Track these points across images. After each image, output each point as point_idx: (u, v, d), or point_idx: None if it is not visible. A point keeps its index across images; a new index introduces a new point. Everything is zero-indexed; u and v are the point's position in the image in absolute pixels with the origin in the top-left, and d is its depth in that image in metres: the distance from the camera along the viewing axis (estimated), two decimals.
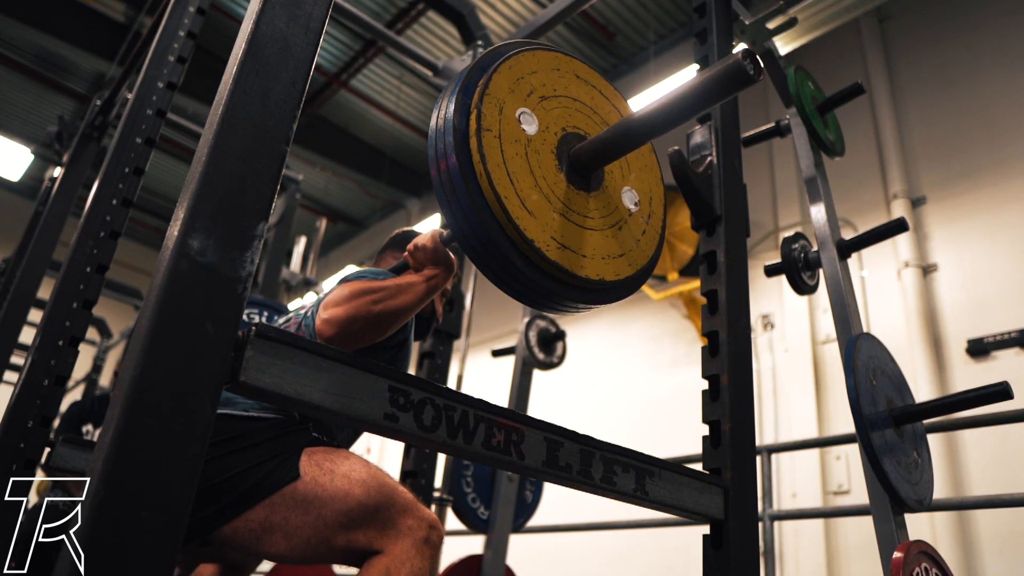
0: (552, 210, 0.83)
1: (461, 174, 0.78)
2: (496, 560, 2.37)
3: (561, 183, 0.86)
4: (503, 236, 0.79)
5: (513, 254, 0.79)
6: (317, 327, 1.23)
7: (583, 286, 0.85)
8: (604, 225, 0.90)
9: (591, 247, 0.86)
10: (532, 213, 0.80)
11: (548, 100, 0.88)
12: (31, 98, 7.77)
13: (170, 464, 0.50)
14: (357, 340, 1.22)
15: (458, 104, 0.80)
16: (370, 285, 1.24)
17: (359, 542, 1.14)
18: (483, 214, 0.78)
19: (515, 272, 0.80)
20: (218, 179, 0.59)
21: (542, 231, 0.80)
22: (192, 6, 2.03)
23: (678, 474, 0.94)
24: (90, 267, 1.78)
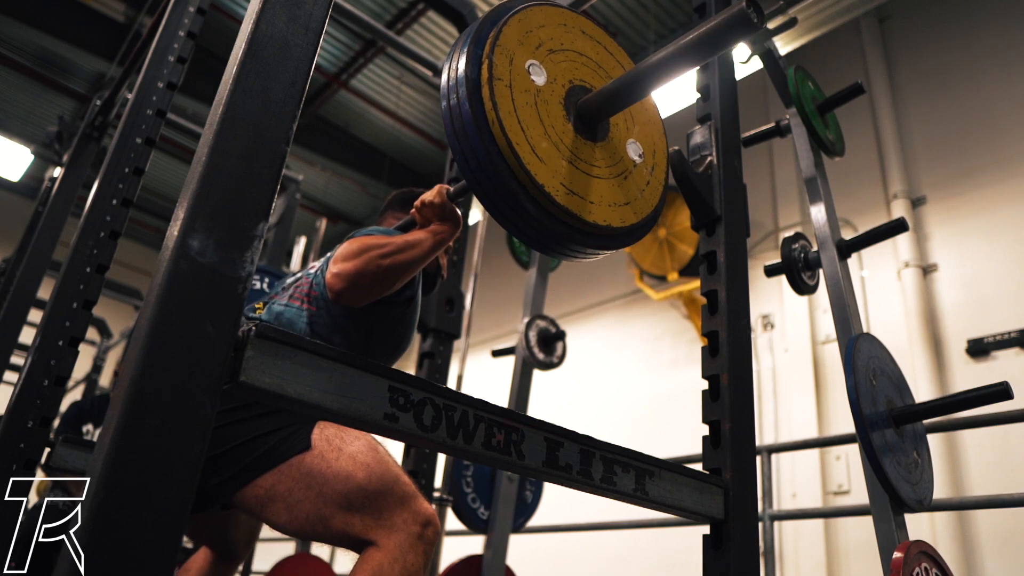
0: (561, 158, 0.86)
1: (474, 121, 0.80)
2: (496, 560, 2.37)
3: (569, 132, 0.89)
4: (515, 181, 0.81)
5: (524, 198, 0.82)
6: (328, 281, 1.26)
7: (590, 231, 0.87)
8: (610, 174, 0.93)
9: (598, 194, 0.89)
10: (542, 159, 0.83)
11: (556, 53, 0.92)
12: (31, 98, 7.77)
13: (170, 464, 0.50)
14: (366, 294, 1.25)
15: (470, 54, 0.83)
16: (378, 240, 1.27)
17: (355, 527, 1.13)
18: (495, 160, 0.80)
19: (526, 216, 0.83)
20: (218, 179, 0.59)
21: (552, 176, 0.83)
22: (192, 6, 2.02)
23: (678, 474, 0.94)
24: (90, 267, 1.78)
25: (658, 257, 5.05)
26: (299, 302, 1.34)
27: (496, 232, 3.34)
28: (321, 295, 1.34)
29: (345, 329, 1.34)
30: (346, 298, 1.26)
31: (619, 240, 0.92)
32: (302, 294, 1.36)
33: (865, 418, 1.45)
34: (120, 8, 6.40)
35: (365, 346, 1.37)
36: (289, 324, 1.31)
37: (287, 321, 1.32)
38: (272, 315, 1.34)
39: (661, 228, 5.08)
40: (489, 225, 2.91)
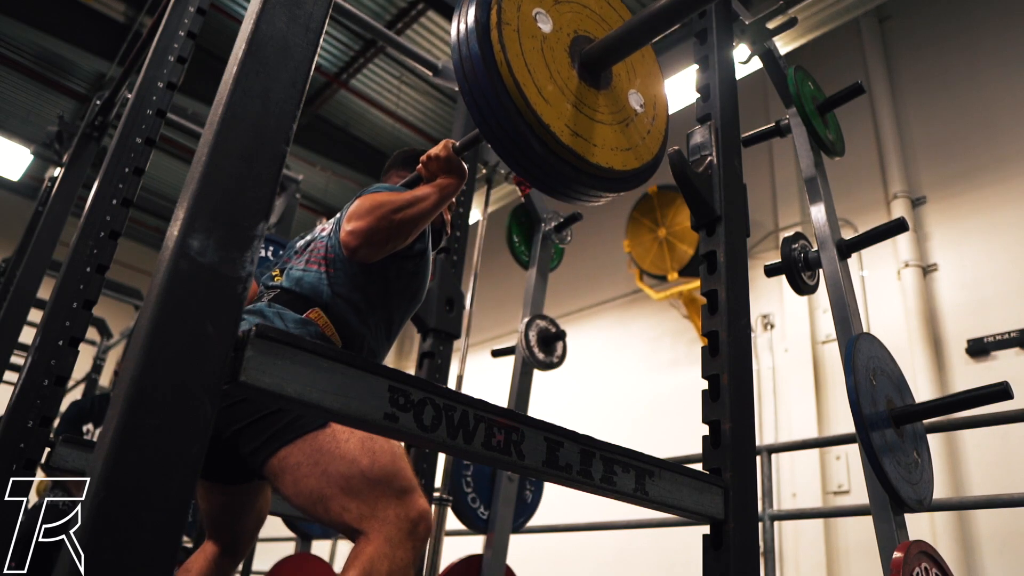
0: (566, 101, 0.89)
1: (483, 63, 0.83)
2: (496, 560, 2.37)
3: (573, 79, 0.92)
4: (522, 121, 0.84)
5: (531, 138, 0.85)
6: (343, 239, 1.32)
7: (594, 173, 0.91)
8: (613, 120, 0.96)
9: (601, 138, 0.92)
10: (548, 101, 0.86)
11: (561, 4, 0.95)
12: (31, 98, 7.77)
13: (170, 464, 0.50)
14: (381, 248, 1.31)
15: (480, 1, 0.86)
16: (389, 196, 1.32)
17: (350, 514, 1.13)
18: (504, 100, 0.83)
19: (532, 155, 0.86)
20: (218, 179, 0.59)
21: (557, 118, 0.86)
22: (192, 6, 2.03)
23: (678, 474, 0.94)
24: (90, 267, 1.78)
25: (658, 257, 5.06)
26: (316, 265, 1.38)
27: (496, 232, 3.34)
28: (337, 256, 1.37)
29: (364, 287, 1.37)
30: (361, 255, 1.31)
31: (621, 183, 0.95)
32: (319, 257, 1.40)
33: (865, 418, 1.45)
34: (120, 8, 6.40)
35: (384, 300, 1.41)
36: (311, 288, 1.34)
37: (308, 285, 1.35)
38: (292, 280, 1.37)
39: (661, 228, 5.08)
40: (489, 225, 2.91)
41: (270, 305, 1.32)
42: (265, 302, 1.34)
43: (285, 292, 1.35)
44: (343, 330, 1.35)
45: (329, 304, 1.34)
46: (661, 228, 5.08)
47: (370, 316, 1.39)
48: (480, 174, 2.50)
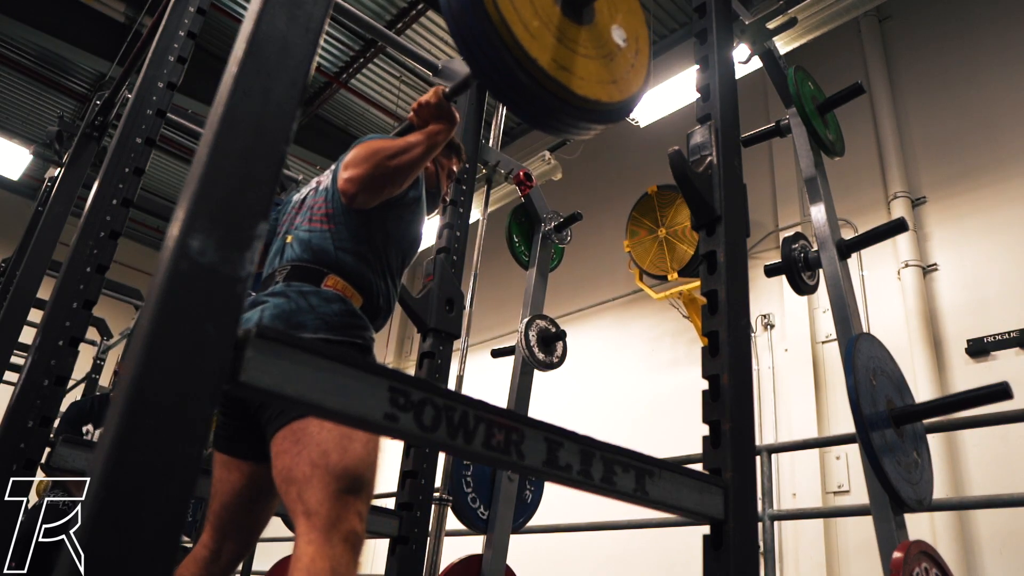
0: (551, 35, 0.91)
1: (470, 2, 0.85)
2: (496, 560, 2.37)
3: (556, 14, 0.94)
4: (509, 55, 0.86)
5: (519, 71, 0.87)
6: (340, 188, 1.38)
7: (581, 105, 0.93)
8: (597, 55, 0.98)
9: (586, 70, 0.95)
10: (533, 36, 0.88)
11: None
12: (31, 98, 7.77)
13: (170, 464, 0.50)
14: (378, 194, 1.38)
15: None
16: (383, 143, 1.38)
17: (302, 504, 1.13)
18: (491, 36, 0.85)
19: (521, 88, 0.88)
20: (218, 179, 0.59)
21: (543, 51, 0.89)
22: (192, 6, 2.03)
23: (678, 474, 0.94)
24: (90, 267, 1.78)
25: (658, 257, 5.06)
26: (320, 224, 1.42)
27: (496, 232, 3.34)
28: (337, 210, 1.42)
29: (367, 237, 1.42)
30: (360, 201, 1.38)
31: (607, 115, 0.97)
32: (320, 215, 1.44)
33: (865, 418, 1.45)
34: (120, 8, 6.39)
35: (385, 248, 1.46)
36: (319, 250, 1.38)
37: (317, 247, 1.39)
38: (303, 244, 1.41)
39: (661, 228, 5.09)
40: (489, 225, 2.91)
41: (287, 284, 1.35)
42: (282, 282, 1.36)
43: (296, 267, 1.38)
44: (359, 284, 1.40)
45: (338, 263, 1.38)
46: (661, 228, 5.08)
47: (378, 264, 1.44)
48: (480, 174, 2.50)
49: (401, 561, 1.83)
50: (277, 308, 1.27)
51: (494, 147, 2.62)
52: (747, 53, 2.09)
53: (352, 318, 1.32)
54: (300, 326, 1.25)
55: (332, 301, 1.32)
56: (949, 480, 3.57)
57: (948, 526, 3.48)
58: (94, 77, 7.28)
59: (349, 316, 1.32)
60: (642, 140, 6.00)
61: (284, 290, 1.33)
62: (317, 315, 1.28)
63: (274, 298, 1.31)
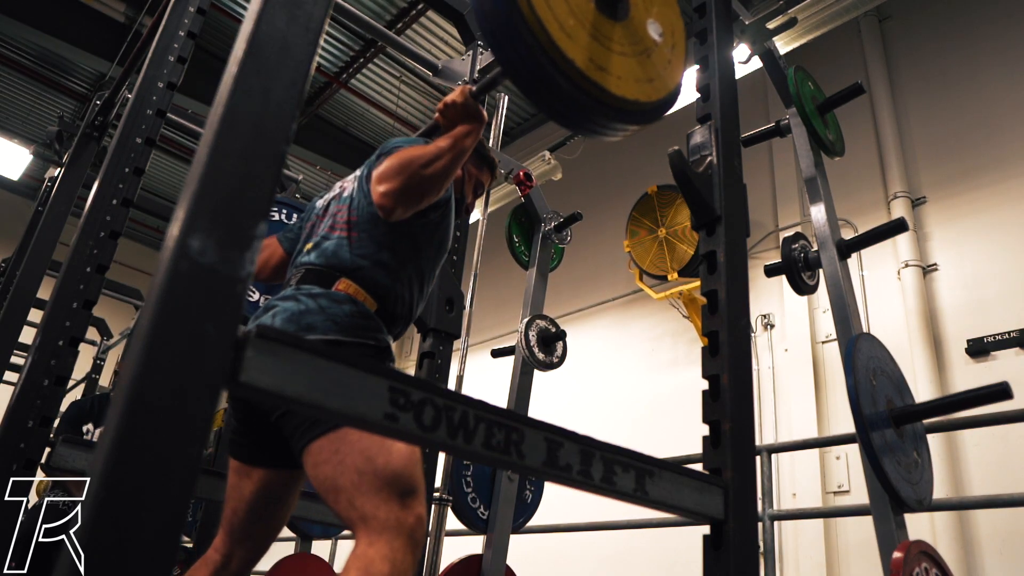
0: (586, 33, 0.87)
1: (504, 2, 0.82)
2: (496, 560, 2.37)
3: (591, 10, 0.91)
4: (545, 57, 0.83)
5: (556, 74, 0.84)
6: (378, 203, 1.35)
7: (619, 106, 0.89)
8: (632, 52, 0.94)
9: (623, 69, 0.91)
10: (569, 36, 0.85)
11: None
12: (31, 98, 7.77)
13: (170, 464, 0.50)
14: (416, 204, 1.36)
15: None
16: (414, 153, 1.34)
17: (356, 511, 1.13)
18: (527, 38, 0.82)
19: (558, 91, 0.85)
20: (218, 179, 0.59)
21: (579, 52, 0.85)
22: (192, 6, 2.03)
23: (678, 474, 0.94)
24: (90, 267, 1.78)
25: (658, 257, 5.06)
26: (340, 231, 1.40)
27: (496, 232, 3.34)
28: (361, 218, 1.39)
29: (392, 246, 1.40)
30: (398, 214, 1.36)
31: (645, 115, 0.94)
32: (343, 223, 1.41)
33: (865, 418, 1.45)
34: (120, 8, 6.40)
35: (414, 253, 1.43)
36: (334, 256, 1.37)
37: (331, 252, 1.37)
38: (320, 250, 1.39)
39: (661, 228, 5.09)
40: (489, 225, 2.91)
41: (298, 287, 1.34)
42: (294, 285, 1.36)
43: (309, 271, 1.37)
44: (374, 290, 1.37)
45: (352, 269, 1.36)
46: (661, 228, 5.08)
47: (401, 272, 1.41)
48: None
49: None
50: (286, 311, 1.26)
51: (494, 147, 2.62)
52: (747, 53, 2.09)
53: (363, 319, 1.31)
54: (310, 328, 1.24)
55: (342, 303, 1.30)
56: (949, 480, 3.57)
57: (948, 526, 3.47)
58: (94, 77, 7.28)
59: (360, 318, 1.30)
60: (642, 140, 6.00)
61: (294, 293, 1.32)
62: (327, 316, 1.26)
63: (284, 302, 1.29)
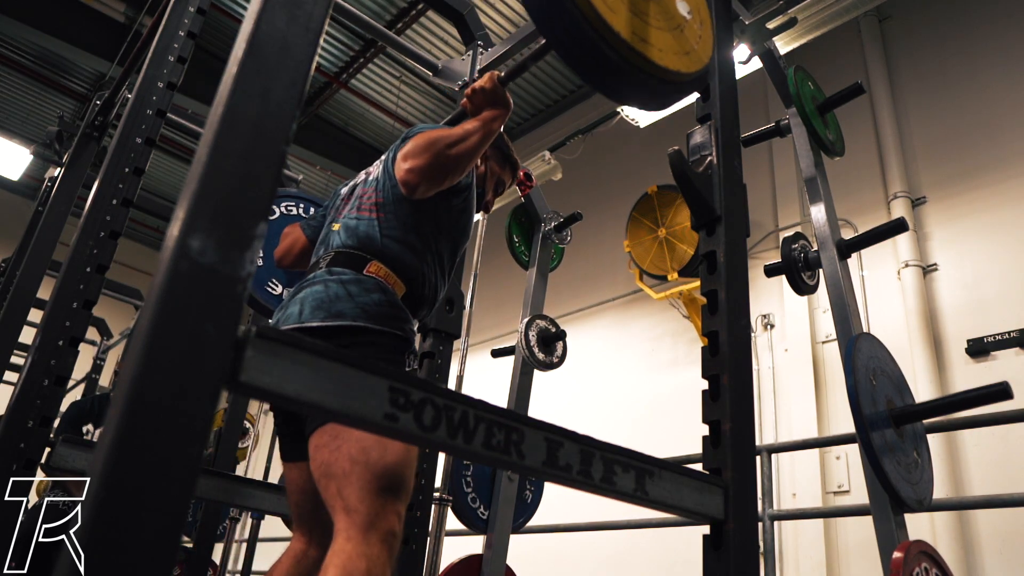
0: (626, 7, 0.91)
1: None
2: (496, 560, 2.37)
3: None
4: (592, 30, 0.86)
5: (605, 47, 0.87)
6: (401, 178, 1.39)
7: (663, 76, 0.92)
8: (667, 27, 0.98)
9: (663, 42, 0.94)
10: (612, 8, 0.88)
11: None
12: (31, 98, 7.77)
13: (170, 464, 0.50)
14: (439, 183, 1.40)
15: None
16: (441, 132, 1.39)
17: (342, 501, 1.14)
18: (572, 11, 0.85)
19: (607, 63, 0.88)
20: (218, 179, 0.59)
21: (624, 25, 0.88)
22: (192, 6, 2.03)
23: (678, 474, 0.94)
24: (90, 267, 1.78)
25: (658, 257, 5.06)
26: (368, 212, 1.43)
27: (496, 232, 3.34)
28: (387, 200, 1.43)
29: (417, 226, 1.43)
30: (421, 191, 1.39)
31: (687, 86, 0.97)
32: (369, 204, 1.45)
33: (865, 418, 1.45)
34: (120, 8, 6.40)
35: (436, 237, 1.47)
36: (365, 237, 1.39)
37: (363, 234, 1.39)
38: (350, 231, 1.41)
39: (661, 228, 5.09)
40: (489, 225, 2.91)
41: (329, 272, 1.34)
42: (324, 268, 1.36)
43: (340, 254, 1.38)
44: (403, 272, 1.39)
45: (383, 250, 1.38)
46: (661, 228, 5.08)
47: (426, 254, 1.44)
48: None
49: (401, 561, 1.83)
50: (316, 299, 1.27)
51: None
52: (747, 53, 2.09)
53: (392, 308, 1.31)
54: (339, 315, 1.25)
55: (372, 291, 1.30)
56: (949, 480, 3.57)
57: (948, 526, 3.47)
58: (94, 77, 7.28)
59: (389, 307, 1.31)
60: (642, 140, 6.00)
61: (324, 278, 1.32)
62: (356, 303, 1.27)
63: (313, 287, 1.30)
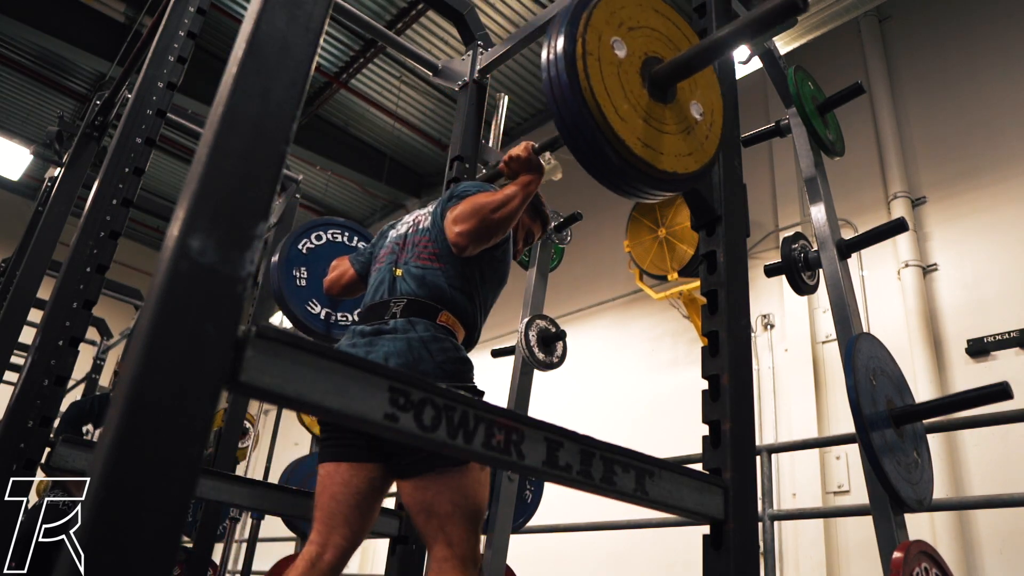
0: (638, 117, 1.04)
1: (570, 88, 1.00)
2: (496, 560, 2.37)
3: (644, 96, 1.07)
4: (601, 136, 1.00)
5: (608, 150, 1.01)
6: (453, 241, 1.58)
7: (660, 177, 1.06)
8: (677, 130, 1.11)
9: (668, 146, 1.08)
10: (623, 119, 1.01)
11: (634, 30, 1.11)
12: (31, 98, 7.77)
13: (170, 464, 0.50)
14: (485, 243, 1.58)
15: (567, 33, 1.03)
16: (486, 199, 1.57)
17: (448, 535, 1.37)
18: (587, 119, 0.99)
19: (610, 165, 1.02)
20: (218, 179, 0.59)
21: (630, 133, 1.02)
22: (192, 6, 2.03)
23: (678, 474, 0.94)
24: (90, 267, 1.78)
25: (658, 257, 5.06)
26: (430, 261, 1.61)
27: None
28: (442, 251, 1.61)
29: (469, 276, 1.61)
30: (469, 251, 1.58)
31: (683, 183, 1.11)
32: (429, 254, 1.62)
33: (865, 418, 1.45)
34: (120, 8, 6.40)
35: (482, 285, 1.64)
36: (435, 287, 1.56)
37: (432, 283, 1.57)
38: (418, 280, 1.58)
39: (661, 228, 5.09)
40: None
41: (409, 322, 1.51)
42: (401, 318, 1.52)
43: (412, 303, 1.55)
44: (464, 319, 1.58)
45: (451, 299, 1.57)
46: (661, 228, 5.08)
47: (475, 299, 1.62)
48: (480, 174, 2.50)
49: (401, 561, 1.83)
50: (401, 358, 1.46)
51: (494, 147, 2.62)
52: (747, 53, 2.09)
53: (462, 364, 1.52)
54: (424, 374, 1.45)
55: (446, 350, 1.50)
56: (949, 480, 3.57)
57: (948, 526, 3.48)
58: (94, 77, 7.28)
59: (460, 363, 1.51)
60: None
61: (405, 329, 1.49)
62: (436, 364, 1.47)
63: (395, 342, 1.47)
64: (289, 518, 3.11)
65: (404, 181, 8.26)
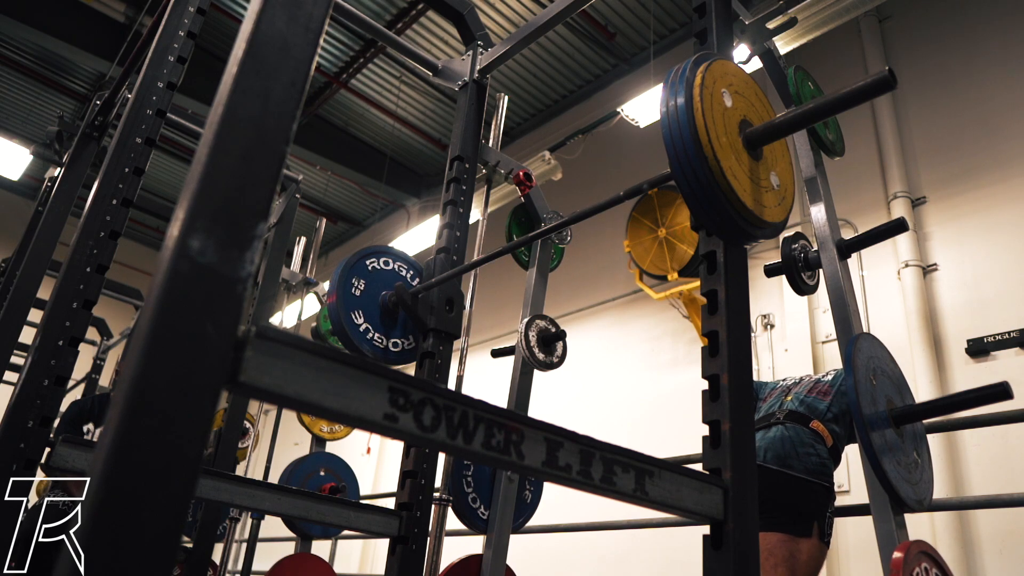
0: (749, 179, 1.15)
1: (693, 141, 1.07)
2: (496, 560, 2.37)
3: (747, 158, 1.17)
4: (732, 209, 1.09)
5: (739, 219, 1.10)
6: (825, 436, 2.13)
7: (765, 227, 1.17)
8: (767, 186, 1.22)
9: (767, 200, 1.19)
10: (744, 188, 1.11)
11: (736, 95, 1.21)
12: (31, 98, 7.77)
13: (170, 464, 0.50)
14: None
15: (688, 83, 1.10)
16: None
17: None
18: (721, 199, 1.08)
19: (738, 230, 1.11)
20: (218, 179, 0.59)
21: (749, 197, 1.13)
22: (192, 6, 2.02)
23: (678, 474, 0.94)
24: (90, 267, 1.78)
25: (658, 257, 5.05)
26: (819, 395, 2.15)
27: (496, 232, 3.34)
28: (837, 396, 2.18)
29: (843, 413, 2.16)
30: None
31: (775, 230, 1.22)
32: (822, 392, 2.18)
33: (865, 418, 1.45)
34: (120, 8, 6.40)
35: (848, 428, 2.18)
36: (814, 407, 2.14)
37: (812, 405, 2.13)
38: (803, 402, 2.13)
39: (661, 228, 5.08)
40: (489, 225, 2.91)
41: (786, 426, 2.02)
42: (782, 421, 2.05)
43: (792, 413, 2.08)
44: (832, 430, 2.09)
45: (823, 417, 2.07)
46: (661, 228, 5.08)
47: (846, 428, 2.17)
48: (480, 174, 2.50)
49: (401, 561, 1.83)
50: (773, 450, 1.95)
51: (494, 147, 2.62)
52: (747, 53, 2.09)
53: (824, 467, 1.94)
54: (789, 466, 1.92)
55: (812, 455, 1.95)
56: (949, 480, 3.57)
57: (948, 526, 3.47)
58: (94, 77, 7.28)
59: (822, 465, 1.93)
60: (642, 140, 6.00)
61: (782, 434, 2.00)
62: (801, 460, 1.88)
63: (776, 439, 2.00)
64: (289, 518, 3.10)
65: (404, 181, 8.26)
